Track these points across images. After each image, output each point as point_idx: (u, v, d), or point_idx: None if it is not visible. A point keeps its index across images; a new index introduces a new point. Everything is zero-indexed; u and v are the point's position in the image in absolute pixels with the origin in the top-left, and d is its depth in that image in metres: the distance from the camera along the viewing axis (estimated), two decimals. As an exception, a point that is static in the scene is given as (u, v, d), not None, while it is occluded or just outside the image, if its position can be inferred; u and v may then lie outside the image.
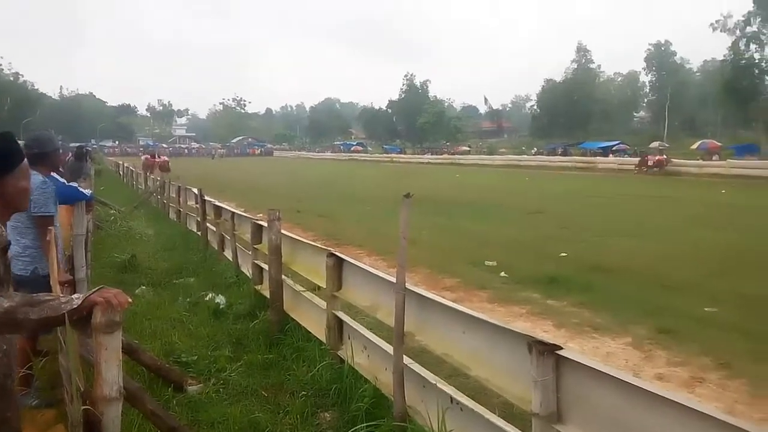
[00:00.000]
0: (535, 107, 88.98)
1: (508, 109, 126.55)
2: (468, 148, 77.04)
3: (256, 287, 7.01)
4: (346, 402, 4.15)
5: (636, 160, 41.98)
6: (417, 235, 11.78)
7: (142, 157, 35.19)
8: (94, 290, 1.82)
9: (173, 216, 15.63)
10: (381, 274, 4.21)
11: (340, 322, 4.75)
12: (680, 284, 8.33)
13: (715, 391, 4.80)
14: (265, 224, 6.35)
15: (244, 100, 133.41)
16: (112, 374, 1.91)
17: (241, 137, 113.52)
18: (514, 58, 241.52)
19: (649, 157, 41.05)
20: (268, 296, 6.15)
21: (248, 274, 7.60)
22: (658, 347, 5.75)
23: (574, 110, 75.17)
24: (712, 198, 22.24)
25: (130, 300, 1.87)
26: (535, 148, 69.13)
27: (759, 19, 49.19)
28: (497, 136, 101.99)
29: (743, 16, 49.96)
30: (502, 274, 8.98)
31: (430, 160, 65.27)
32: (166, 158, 34.57)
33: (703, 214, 16.94)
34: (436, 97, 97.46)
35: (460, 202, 20.51)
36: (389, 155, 77.60)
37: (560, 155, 57.29)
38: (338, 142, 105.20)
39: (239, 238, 8.36)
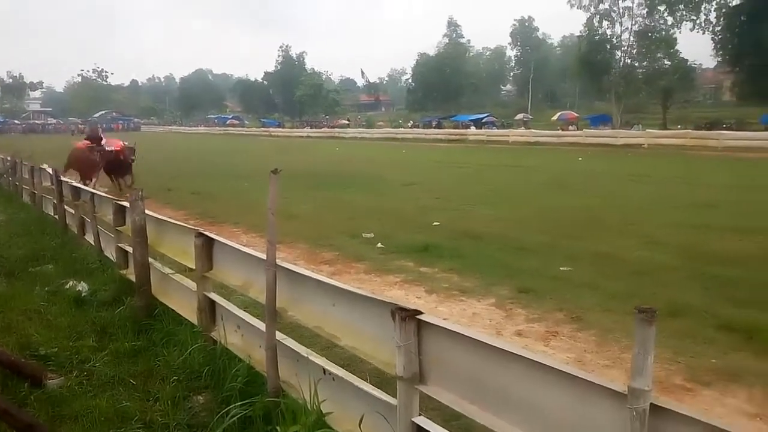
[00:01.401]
0: (410, 81, 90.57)
1: (385, 82, 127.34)
2: (347, 122, 77.19)
3: (121, 272, 6.64)
4: (219, 383, 4.09)
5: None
6: (297, 209, 11.76)
7: (75, 145, 17.34)
8: None
9: (27, 199, 14.33)
10: (251, 252, 4.17)
11: (212, 303, 4.65)
12: (539, 246, 9.02)
13: (567, 343, 5.29)
14: (127, 205, 6.00)
15: (106, 72, 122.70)
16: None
17: (104, 111, 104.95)
18: (389, 32, 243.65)
19: None
20: (135, 280, 5.86)
21: (112, 259, 7.18)
22: (518, 306, 6.22)
23: (446, 84, 77.44)
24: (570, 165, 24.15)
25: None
26: (411, 122, 70.70)
27: (610, -3, 52.92)
28: (375, 109, 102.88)
29: (597, -7, 53.43)
30: (379, 245, 9.21)
31: (309, 134, 64.67)
32: (122, 143, 16.89)
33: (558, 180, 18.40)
34: (313, 69, 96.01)
35: (340, 175, 20.60)
36: (267, 129, 75.69)
37: (434, 128, 59.15)
38: (213, 116, 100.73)
39: (101, 221, 7.84)
